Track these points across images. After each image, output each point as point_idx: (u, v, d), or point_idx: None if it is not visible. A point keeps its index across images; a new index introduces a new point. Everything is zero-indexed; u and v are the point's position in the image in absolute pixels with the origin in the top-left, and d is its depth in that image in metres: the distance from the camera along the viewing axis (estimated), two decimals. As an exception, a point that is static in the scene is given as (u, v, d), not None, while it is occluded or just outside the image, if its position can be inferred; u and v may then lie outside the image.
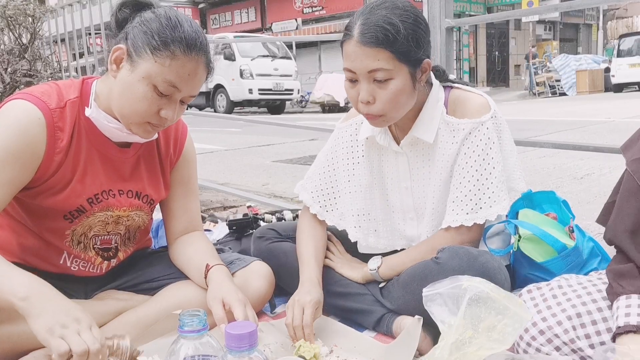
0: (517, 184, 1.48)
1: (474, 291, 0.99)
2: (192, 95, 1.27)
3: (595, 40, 25.14)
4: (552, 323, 1.10)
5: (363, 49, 1.27)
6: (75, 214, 1.32)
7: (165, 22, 1.21)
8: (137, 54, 1.20)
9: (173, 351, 0.92)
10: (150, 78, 1.19)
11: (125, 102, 1.22)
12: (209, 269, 1.36)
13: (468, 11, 19.81)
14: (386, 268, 1.47)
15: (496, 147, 1.38)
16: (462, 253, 1.32)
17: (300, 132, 7.29)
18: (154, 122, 1.25)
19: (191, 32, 1.22)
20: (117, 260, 1.46)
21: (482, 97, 1.43)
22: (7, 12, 3.81)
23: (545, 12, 4.78)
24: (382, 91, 1.30)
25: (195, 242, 1.48)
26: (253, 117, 10.36)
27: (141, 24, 1.22)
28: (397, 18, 1.27)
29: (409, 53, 1.28)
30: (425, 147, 1.44)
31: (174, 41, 1.19)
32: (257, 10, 21.54)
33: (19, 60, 3.84)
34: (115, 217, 1.38)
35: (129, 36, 1.22)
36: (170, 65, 1.19)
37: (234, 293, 1.27)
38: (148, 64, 1.19)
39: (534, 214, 1.60)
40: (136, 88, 1.20)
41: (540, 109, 11.86)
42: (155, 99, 1.21)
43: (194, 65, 1.22)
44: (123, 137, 1.31)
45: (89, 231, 1.37)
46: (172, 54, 1.19)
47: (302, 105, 16.11)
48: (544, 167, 4.63)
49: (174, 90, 1.22)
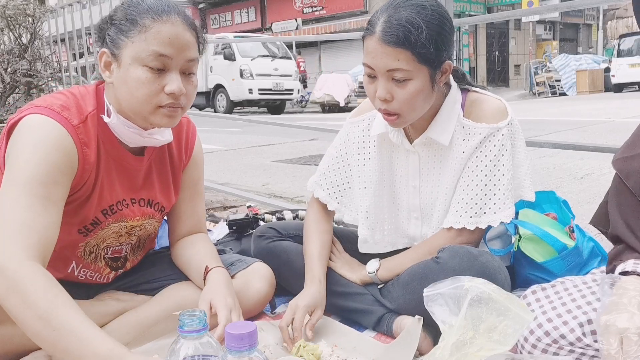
0: (526, 193, 1.46)
1: (475, 292, 0.99)
2: (187, 59, 1.22)
3: (595, 40, 25.14)
4: (558, 323, 1.10)
5: (384, 47, 1.25)
6: (90, 227, 1.30)
7: (127, 5, 1.20)
8: (116, 47, 1.19)
9: (173, 351, 0.92)
10: (137, 60, 1.17)
11: (130, 97, 1.20)
12: (208, 271, 1.36)
13: (468, 11, 19.80)
14: (384, 270, 1.47)
15: (508, 154, 1.37)
16: (462, 253, 1.32)
17: (300, 132, 7.29)
18: (166, 103, 1.20)
19: (154, 1, 1.20)
20: (124, 270, 1.45)
21: (500, 102, 1.41)
22: (7, 12, 3.81)
23: (545, 12, 4.78)
24: (400, 90, 1.28)
25: (197, 243, 1.48)
26: (253, 117, 10.35)
27: (110, 20, 1.22)
28: (421, 18, 1.24)
29: (430, 55, 1.26)
30: (438, 149, 1.43)
31: (140, 14, 1.18)
32: (257, 10, 21.54)
33: (19, 60, 3.85)
34: (128, 228, 1.37)
35: (106, 38, 1.22)
36: (147, 38, 1.17)
37: (223, 297, 1.27)
38: (128, 49, 1.18)
39: (534, 214, 1.60)
40: (130, 76, 1.18)
41: (540, 109, 11.85)
42: (152, 78, 1.18)
43: (171, 27, 1.19)
44: (143, 141, 1.29)
45: (101, 242, 1.35)
46: (143, 26, 1.17)
47: (302, 105, 16.11)
48: (544, 167, 4.63)
49: (164, 59, 1.18)
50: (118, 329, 1.33)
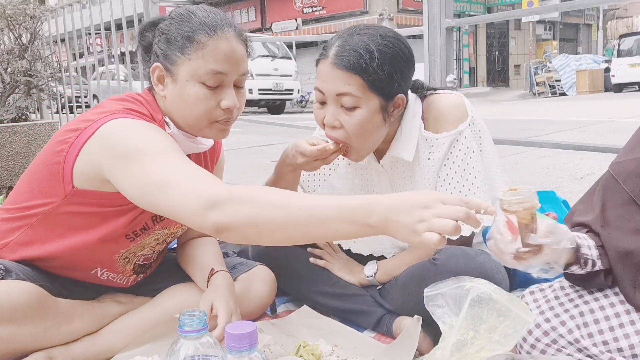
0: (499, 193, 1.44)
1: (476, 292, 0.99)
2: (241, 74, 1.23)
3: (595, 40, 25.15)
4: (556, 324, 1.10)
5: (335, 71, 1.26)
6: (139, 233, 1.29)
7: (179, 19, 1.20)
8: (172, 63, 1.19)
9: (173, 351, 0.92)
10: (194, 77, 1.17)
11: (186, 112, 1.20)
12: (213, 274, 1.37)
13: (468, 11, 19.83)
14: (382, 273, 1.47)
15: (476, 155, 1.36)
16: (459, 254, 1.32)
17: (300, 132, 7.27)
18: (222, 118, 1.21)
19: (206, 14, 1.20)
20: (144, 275, 1.45)
21: (457, 99, 1.38)
22: (7, 12, 3.81)
23: (545, 12, 4.78)
24: (348, 118, 1.27)
25: (206, 245, 1.48)
26: (253, 117, 10.35)
27: (161, 35, 1.22)
28: (375, 46, 1.24)
29: (381, 83, 1.25)
30: (406, 165, 1.42)
31: (195, 31, 1.17)
32: (257, 10, 21.54)
33: (19, 60, 3.84)
34: (168, 234, 1.37)
35: (158, 52, 1.21)
36: (204, 56, 1.17)
37: (225, 301, 1.27)
38: (185, 66, 1.18)
39: (535, 214, 1.60)
40: (187, 94, 1.18)
41: (540, 109, 11.86)
42: (209, 94, 1.19)
43: (226, 42, 1.19)
44: (196, 148, 1.30)
45: (140, 250, 1.35)
46: (200, 43, 1.17)
47: (302, 105, 16.11)
48: (544, 167, 4.63)
49: (221, 77, 1.19)
50: (118, 331, 1.33)
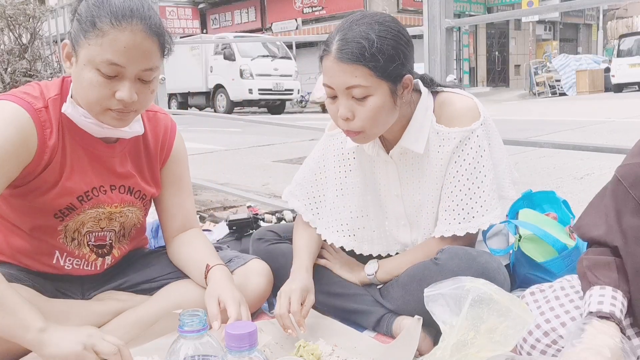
0: (507, 192, 1.44)
1: (476, 292, 0.99)
2: (144, 69, 1.19)
3: (595, 40, 25.15)
4: (556, 325, 1.10)
5: (340, 65, 1.26)
6: (66, 212, 1.32)
7: (93, 3, 1.18)
8: (76, 44, 1.19)
9: (173, 351, 0.92)
10: (91, 62, 1.16)
11: (81, 94, 1.21)
12: (209, 269, 1.36)
13: (468, 11, 19.81)
14: (383, 272, 1.47)
15: (487, 155, 1.36)
16: (461, 254, 1.32)
17: (300, 132, 7.28)
18: (115, 107, 1.20)
19: (120, 3, 1.16)
20: (112, 258, 1.45)
21: (470, 101, 1.39)
22: (7, 12, 3.80)
23: (545, 12, 4.77)
24: (361, 108, 1.28)
25: (194, 240, 1.48)
26: (253, 117, 10.36)
27: (75, 14, 1.21)
28: (374, 34, 1.25)
29: (387, 69, 1.25)
30: (415, 157, 1.42)
31: (101, 18, 1.15)
32: (257, 10, 21.54)
33: (19, 60, 3.84)
34: (107, 214, 1.38)
35: (71, 31, 1.21)
36: (103, 44, 1.14)
37: (230, 292, 1.27)
38: (85, 50, 1.17)
39: (534, 214, 1.60)
40: (83, 77, 1.18)
41: (540, 109, 11.86)
42: (104, 82, 1.17)
43: (129, 35, 1.14)
44: (103, 132, 1.30)
45: (81, 227, 1.37)
46: (101, 31, 1.14)
47: (302, 105, 16.10)
48: (544, 167, 4.63)
49: (117, 68, 1.16)
50: (117, 328, 1.33)
